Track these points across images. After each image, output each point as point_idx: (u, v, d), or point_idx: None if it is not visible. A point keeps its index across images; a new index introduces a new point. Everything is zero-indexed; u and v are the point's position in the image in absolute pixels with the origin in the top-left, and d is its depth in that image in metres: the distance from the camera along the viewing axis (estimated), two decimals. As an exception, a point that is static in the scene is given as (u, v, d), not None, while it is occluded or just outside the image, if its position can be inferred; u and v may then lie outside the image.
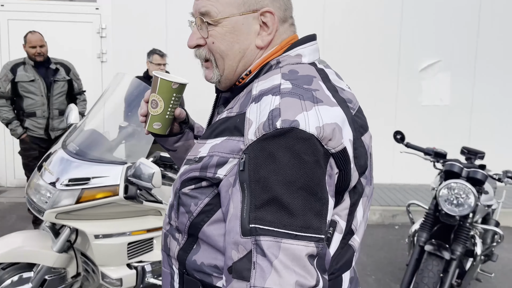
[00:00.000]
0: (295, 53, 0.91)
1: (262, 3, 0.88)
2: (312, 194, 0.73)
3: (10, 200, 5.39)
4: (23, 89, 3.95)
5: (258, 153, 0.74)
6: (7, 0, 5.78)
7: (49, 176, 2.37)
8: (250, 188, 0.74)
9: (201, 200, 0.84)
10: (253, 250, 0.72)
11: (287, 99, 0.77)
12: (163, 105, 1.04)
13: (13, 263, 2.43)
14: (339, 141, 0.77)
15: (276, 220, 0.72)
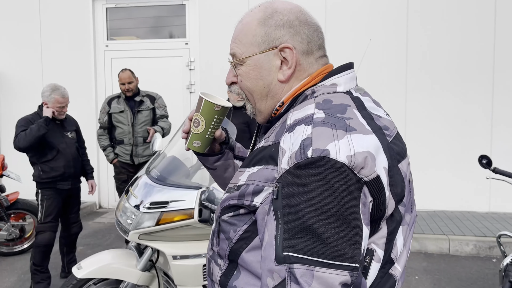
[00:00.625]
0: (330, 83, 0.92)
1: (282, 40, 0.91)
2: (345, 223, 0.73)
3: (110, 221, 5.92)
4: (115, 120, 4.42)
5: (291, 182, 0.75)
6: (111, 42, 6.52)
7: (134, 199, 2.59)
8: (283, 216, 0.75)
9: (239, 227, 0.87)
10: (287, 278, 0.73)
11: (319, 128, 0.78)
12: (204, 124, 1.07)
13: (103, 279, 2.67)
14: (372, 169, 0.76)
15: (309, 249, 0.72)
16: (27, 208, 4.49)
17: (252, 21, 0.93)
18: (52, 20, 6.50)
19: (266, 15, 0.92)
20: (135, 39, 6.57)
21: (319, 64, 0.95)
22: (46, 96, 3.53)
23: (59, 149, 3.54)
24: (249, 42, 0.93)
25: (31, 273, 3.55)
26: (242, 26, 0.96)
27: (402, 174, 0.84)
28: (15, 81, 6.68)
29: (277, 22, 0.92)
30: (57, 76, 6.37)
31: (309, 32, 0.93)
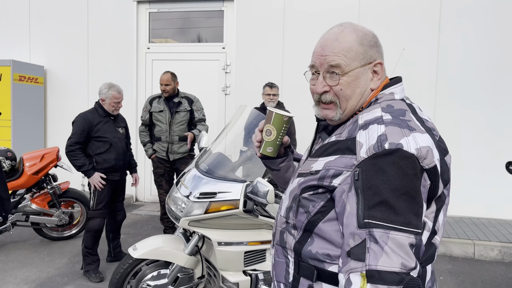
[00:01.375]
0: (389, 92, 1.16)
1: (374, 57, 1.16)
2: (412, 199, 0.97)
3: (147, 213, 6.28)
4: (155, 118, 4.74)
5: (370, 167, 0.99)
6: (152, 44, 6.89)
7: (185, 190, 2.87)
8: (363, 193, 0.98)
9: (317, 202, 1.10)
10: (367, 239, 0.96)
11: (390, 127, 1.02)
12: (275, 133, 1.31)
13: (154, 261, 2.97)
14: (431, 160, 1.00)
15: (385, 218, 0.95)
16: (76, 197, 4.86)
17: (352, 40, 1.14)
18: (99, 22, 6.93)
19: (360, 36, 1.15)
20: (173, 42, 6.92)
21: (384, 76, 1.20)
22: (103, 93, 3.87)
23: (111, 143, 3.87)
24: (352, 57, 1.13)
25: (82, 255, 3.89)
26: (341, 43, 1.14)
27: (447, 165, 1.08)
28: (62, 79, 7.13)
29: (370, 43, 1.15)
30: (101, 76, 6.79)
31: (382, 51, 1.19)
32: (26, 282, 3.75)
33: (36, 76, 6.92)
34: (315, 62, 1.17)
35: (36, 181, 4.54)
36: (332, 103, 1.17)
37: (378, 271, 0.93)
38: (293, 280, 1.17)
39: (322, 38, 1.18)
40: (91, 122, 3.80)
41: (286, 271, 1.19)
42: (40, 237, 4.91)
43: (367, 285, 0.93)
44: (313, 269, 1.11)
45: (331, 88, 1.15)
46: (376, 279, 0.92)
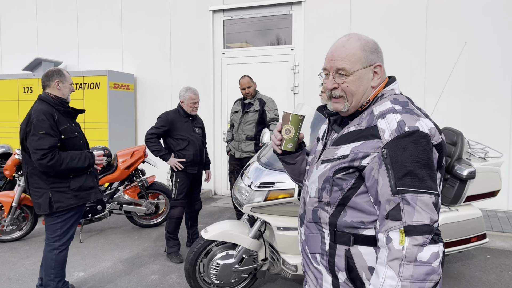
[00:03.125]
0: (390, 88, 1.43)
1: (374, 60, 1.41)
2: (430, 168, 1.24)
3: (223, 205, 6.81)
4: (233, 118, 5.15)
5: (395, 147, 1.25)
6: (226, 50, 7.41)
7: (247, 180, 3.25)
8: (392, 167, 1.24)
9: (349, 181, 1.34)
10: (400, 203, 1.22)
11: (404, 115, 1.29)
12: (293, 131, 1.53)
13: (223, 242, 3.38)
14: (438, 137, 1.28)
15: (412, 184, 1.22)
16: (161, 189, 5.49)
17: (356, 47, 1.39)
18: (179, 32, 7.62)
19: (363, 44, 1.40)
20: (246, 46, 7.37)
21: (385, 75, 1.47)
22: (182, 95, 4.40)
23: (189, 141, 4.38)
24: (355, 61, 1.39)
25: (166, 240, 4.46)
26: (345, 50, 1.39)
27: (445, 141, 1.33)
28: (149, 84, 7.96)
29: (371, 49, 1.41)
30: (182, 80, 7.47)
31: (381, 55, 1.44)
32: (120, 260, 4.41)
33: (128, 83, 7.80)
34: (327, 65, 1.44)
35: (128, 175, 5.23)
36: (341, 97, 1.43)
37: (413, 225, 1.19)
38: (329, 248, 1.41)
39: (333, 46, 1.44)
40: (172, 120, 4.34)
41: (322, 242, 1.43)
42: (131, 224, 5.64)
43: (405, 238, 1.19)
44: (349, 235, 1.36)
45: (339, 85, 1.41)
46: (413, 231, 1.19)
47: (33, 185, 3.15)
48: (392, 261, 1.21)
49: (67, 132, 3.16)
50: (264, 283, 3.82)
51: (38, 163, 2.99)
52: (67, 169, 3.09)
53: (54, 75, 3.18)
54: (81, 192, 3.21)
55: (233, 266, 3.31)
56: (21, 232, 5.03)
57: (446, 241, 3.54)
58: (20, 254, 4.57)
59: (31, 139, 3.00)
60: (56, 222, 3.17)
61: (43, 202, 3.09)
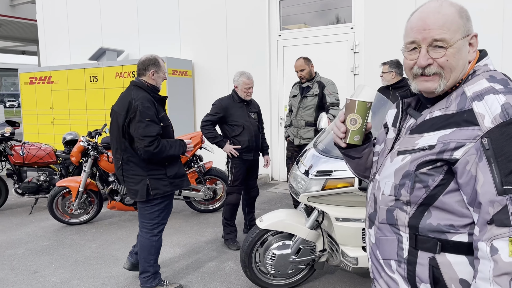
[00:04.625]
0: (483, 64, 1.19)
1: (470, 29, 1.18)
2: None
3: (281, 191, 6.72)
4: (291, 103, 4.96)
5: (499, 135, 1.02)
6: (282, 32, 7.20)
7: (303, 168, 3.09)
8: (497, 161, 1.01)
9: (437, 176, 1.12)
10: (509, 205, 1.00)
11: (510, 96, 1.05)
12: (360, 121, 1.30)
13: (279, 232, 3.27)
14: None
15: None
16: (218, 175, 5.49)
17: (453, 13, 1.16)
18: (235, 16, 7.52)
19: (459, 9, 1.17)
20: (304, 26, 7.11)
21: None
22: (236, 80, 4.31)
23: (244, 126, 4.28)
24: (455, 29, 1.16)
25: (223, 226, 4.45)
26: (443, 16, 1.16)
27: None
28: (206, 70, 7.98)
29: (467, 16, 1.18)
30: (238, 65, 7.40)
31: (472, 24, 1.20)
32: (179, 246, 4.47)
33: (186, 70, 7.87)
34: (417, 37, 1.19)
35: (186, 161, 5.28)
36: (436, 75, 1.18)
37: None
38: (408, 255, 1.21)
39: (421, 13, 1.19)
40: (226, 106, 4.26)
41: (399, 247, 1.23)
42: (190, 209, 5.71)
43: None
44: (435, 241, 1.15)
45: (434, 61, 1.18)
46: None
47: (129, 172, 3.18)
48: (500, 277, 1.00)
49: (165, 120, 3.21)
50: (323, 274, 3.68)
51: (144, 150, 3.02)
52: (166, 156, 3.14)
53: (150, 65, 3.22)
54: (176, 180, 3.25)
55: (290, 257, 3.19)
56: (88, 216, 5.28)
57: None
58: (87, 237, 4.79)
59: (138, 125, 3.01)
60: (154, 210, 3.22)
61: (140, 189, 3.13)
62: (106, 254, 4.27)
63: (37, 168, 5.82)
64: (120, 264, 4.00)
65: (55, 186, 5.16)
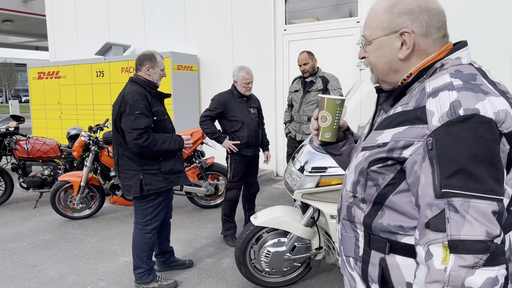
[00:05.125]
0: (455, 57, 1.09)
1: (403, 25, 1.10)
2: (493, 165, 0.92)
3: (285, 187, 6.64)
4: (292, 97, 4.89)
5: (444, 135, 0.95)
6: (288, 26, 7.12)
7: (298, 164, 3.03)
8: (438, 162, 0.95)
9: (387, 175, 1.08)
10: (446, 209, 0.93)
11: (463, 93, 0.97)
12: (330, 118, 1.31)
13: (274, 229, 3.22)
14: (510, 123, 0.95)
15: (465, 186, 0.92)
16: (220, 170, 5.46)
17: (380, 10, 1.13)
18: (240, 12, 7.45)
19: (392, 4, 1.12)
20: (311, 21, 7.01)
21: (440, 43, 1.12)
22: (235, 75, 4.25)
23: (243, 122, 4.23)
24: (375, 27, 1.14)
25: (222, 222, 4.41)
26: (372, 13, 1.16)
27: None
28: (212, 64, 7.94)
29: (400, 11, 1.10)
30: (244, 59, 7.34)
31: (429, 17, 1.09)
32: (178, 241, 4.45)
33: (191, 65, 7.84)
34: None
35: (186, 156, 5.25)
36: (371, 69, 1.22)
37: (461, 241, 0.91)
38: (363, 254, 1.18)
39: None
40: (225, 101, 4.21)
41: (356, 245, 1.21)
42: (193, 205, 5.69)
43: (450, 256, 0.92)
44: (385, 241, 1.11)
45: (366, 56, 1.21)
46: (461, 249, 0.91)
47: (123, 167, 3.16)
48: (431, 284, 0.94)
49: (158, 114, 3.17)
50: (320, 272, 3.62)
51: (133, 143, 3.00)
52: (160, 151, 3.09)
53: (145, 60, 3.20)
54: (171, 176, 3.21)
55: (285, 254, 3.15)
56: (90, 210, 5.29)
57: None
58: (88, 232, 4.80)
59: (127, 118, 3.00)
60: (147, 206, 3.19)
61: (134, 184, 3.11)
62: (105, 249, 4.27)
63: (42, 163, 5.86)
64: (118, 259, 4.00)
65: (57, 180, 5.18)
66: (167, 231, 3.64)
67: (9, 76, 53.45)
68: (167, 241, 3.66)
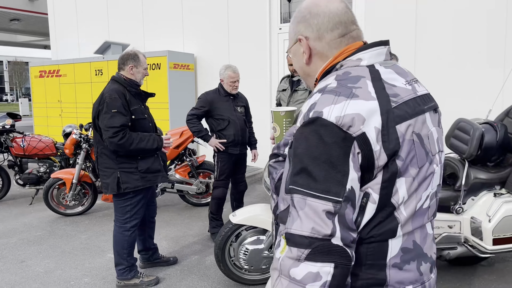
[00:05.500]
0: (356, 58, 1.08)
1: (299, 32, 1.14)
2: (333, 167, 0.94)
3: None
4: (280, 97, 4.89)
5: (298, 135, 1.00)
6: (283, 25, 7.12)
7: (276, 163, 3.05)
8: (291, 160, 1.00)
9: (279, 170, 1.17)
10: (291, 204, 0.99)
11: (324, 95, 0.99)
12: (279, 129, 1.39)
13: (253, 227, 3.24)
14: (358, 127, 0.95)
15: (305, 184, 0.96)
16: (211, 168, 5.48)
17: (291, 21, 1.21)
18: (237, 10, 7.47)
19: (294, 15, 1.18)
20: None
21: (338, 44, 1.12)
22: (221, 73, 4.28)
23: (229, 120, 4.25)
24: (289, 37, 1.22)
25: (209, 220, 4.45)
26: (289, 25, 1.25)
27: (398, 133, 0.99)
28: (208, 62, 7.97)
29: (297, 19, 1.15)
30: (240, 58, 7.37)
31: (319, 20, 1.11)
32: (166, 238, 4.49)
33: (188, 63, 7.88)
34: None
35: (177, 154, 5.29)
36: None
37: (291, 234, 0.96)
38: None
39: None
40: (212, 100, 4.24)
41: (276, 235, 1.27)
42: (184, 203, 5.74)
43: (286, 247, 0.97)
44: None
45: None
46: (290, 241, 0.96)
47: (102, 165, 3.21)
48: (273, 271, 1.02)
49: (137, 112, 3.20)
50: (302, 270, 3.63)
51: (109, 141, 3.04)
52: (136, 149, 3.12)
53: (129, 59, 3.24)
54: (148, 174, 3.24)
55: (263, 252, 3.17)
56: (83, 207, 5.36)
57: (508, 235, 3.07)
58: (79, 228, 4.87)
59: (103, 117, 3.05)
60: (126, 204, 3.24)
61: (111, 182, 3.15)
62: (93, 245, 4.33)
63: (38, 160, 5.94)
64: (104, 255, 4.05)
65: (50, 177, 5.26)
66: (150, 229, 3.68)
67: (19, 74, 54.08)
68: (150, 239, 3.70)
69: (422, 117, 1.06)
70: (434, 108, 1.12)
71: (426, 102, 1.09)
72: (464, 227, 3.17)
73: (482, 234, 3.04)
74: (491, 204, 3.07)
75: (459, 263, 3.66)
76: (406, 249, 1.06)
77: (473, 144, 3.08)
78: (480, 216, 3.08)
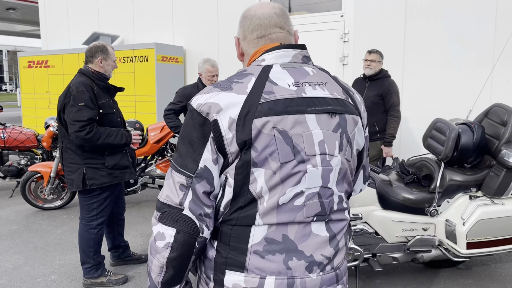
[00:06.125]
0: (261, 58, 1.19)
1: (236, 34, 1.30)
2: (192, 146, 1.09)
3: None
4: None
5: None
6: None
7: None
8: None
9: None
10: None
11: (207, 88, 1.14)
12: None
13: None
14: (212, 115, 1.07)
15: (175, 159, 1.12)
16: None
17: None
18: (227, 2, 7.34)
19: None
20: (305, 13, 6.88)
21: (255, 44, 1.23)
22: (200, 67, 4.19)
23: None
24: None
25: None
26: None
27: (252, 126, 1.05)
28: (197, 55, 7.83)
29: (239, 21, 1.28)
30: (229, 52, 7.25)
31: (245, 23, 1.24)
32: (141, 235, 4.41)
33: (177, 56, 7.76)
34: None
35: (158, 149, 5.20)
36: None
37: (158, 199, 1.14)
38: None
39: None
40: (189, 94, 4.15)
41: None
42: (166, 198, 5.64)
43: None
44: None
45: None
46: (156, 205, 1.14)
47: (67, 160, 3.11)
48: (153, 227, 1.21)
49: (105, 107, 3.11)
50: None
51: (75, 135, 2.94)
52: (104, 144, 3.02)
53: (98, 52, 3.15)
54: (115, 171, 3.15)
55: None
56: (61, 202, 5.28)
57: (486, 239, 2.98)
58: (55, 223, 4.78)
59: (70, 110, 2.95)
60: (92, 201, 3.14)
61: (76, 178, 3.06)
62: (67, 241, 4.25)
63: (19, 152, 5.85)
64: (76, 251, 3.97)
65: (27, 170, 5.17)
66: (119, 226, 3.60)
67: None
68: (120, 236, 3.62)
69: (296, 116, 1.08)
70: (329, 111, 1.13)
71: (315, 104, 1.11)
72: (438, 229, 3.09)
73: (456, 237, 2.95)
74: (466, 207, 2.98)
75: (435, 266, 3.58)
76: (272, 240, 1.10)
77: (449, 145, 2.99)
78: (454, 219, 3.00)
